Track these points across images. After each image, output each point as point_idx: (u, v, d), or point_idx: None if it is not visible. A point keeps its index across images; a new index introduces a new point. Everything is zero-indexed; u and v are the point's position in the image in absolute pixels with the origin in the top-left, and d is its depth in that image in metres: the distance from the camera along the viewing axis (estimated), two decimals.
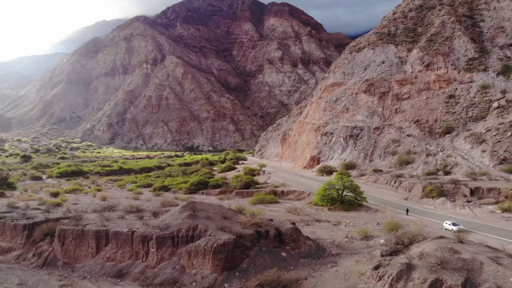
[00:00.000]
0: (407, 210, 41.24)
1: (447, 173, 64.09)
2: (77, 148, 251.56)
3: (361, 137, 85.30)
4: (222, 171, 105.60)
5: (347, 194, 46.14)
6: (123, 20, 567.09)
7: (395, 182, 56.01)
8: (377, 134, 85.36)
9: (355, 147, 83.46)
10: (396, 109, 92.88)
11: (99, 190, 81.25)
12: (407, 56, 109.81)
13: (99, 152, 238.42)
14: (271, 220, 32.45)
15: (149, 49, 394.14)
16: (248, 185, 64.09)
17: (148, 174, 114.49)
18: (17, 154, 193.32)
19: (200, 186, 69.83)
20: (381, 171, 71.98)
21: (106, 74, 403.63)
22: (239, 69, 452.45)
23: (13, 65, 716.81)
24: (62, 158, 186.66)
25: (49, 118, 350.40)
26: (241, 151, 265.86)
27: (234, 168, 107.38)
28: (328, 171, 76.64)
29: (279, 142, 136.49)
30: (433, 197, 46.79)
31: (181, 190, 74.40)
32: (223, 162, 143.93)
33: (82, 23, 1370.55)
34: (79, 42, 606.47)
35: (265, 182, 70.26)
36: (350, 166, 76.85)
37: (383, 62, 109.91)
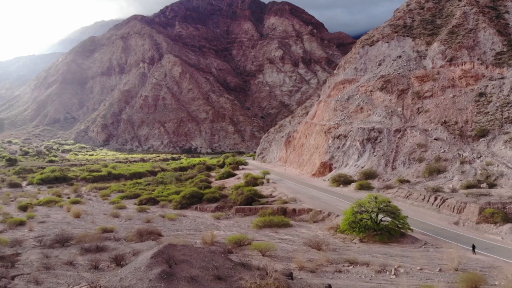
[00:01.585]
0: (474, 247, 29.86)
1: (491, 185, 52.86)
2: (69, 150, 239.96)
3: (380, 141, 74.01)
4: (220, 178, 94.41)
5: (385, 220, 34.80)
6: (121, 20, 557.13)
7: (436, 199, 44.62)
8: (399, 138, 74.10)
9: (373, 152, 72.15)
10: (418, 108, 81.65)
11: (76, 202, 69.94)
12: (427, 50, 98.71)
13: (92, 155, 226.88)
14: (291, 276, 21.05)
15: (146, 48, 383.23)
16: (251, 199, 52.79)
17: (138, 181, 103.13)
18: (3, 157, 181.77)
19: (194, 200, 58.54)
20: (408, 181, 60.73)
21: (102, 73, 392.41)
22: (238, 69, 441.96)
23: (10, 65, 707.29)
24: (51, 161, 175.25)
25: (42, 119, 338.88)
26: (241, 153, 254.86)
27: (233, 175, 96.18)
28: (344, 180, 65.36)
29: (283, 145, 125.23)
30: (495, 223, 35.51)
31: (171, 203, 63.08)
32: (221, 166, 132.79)
33: (80, 23, 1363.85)
34: (77, 42, 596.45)
35: (271, 194, 58.95)
36: (370, 175, 65.59)
37: (400, 56, 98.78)
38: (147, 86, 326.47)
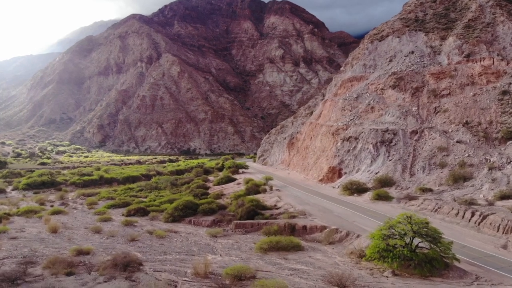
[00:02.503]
0: None
1: None
2: (64, 152, 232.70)
3: (395, 144, 66.96)
4: (218, 184, 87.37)
5: (423, 246, 27.68)
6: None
7: (473, 214, 37.50)
8: (416, 140, 67.06)
9: (388, 156, 65.08)
10: (435, 108, 74.63)
11: (58, 212, 62.67)
12: (441, 45, 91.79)
13: (87, 156, 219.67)
14: None
15: (144, 47, 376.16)
16: (253, 212, 45.66)
17: (130, 186, 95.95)
18: None
19: (187, 212, 51.35)
20: (430, 190, 53.65)
21: (100, 73, 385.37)
22: (238, 69, 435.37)
23: (7, 65, 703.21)
24: (42, 163, 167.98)
25: (38, 120, 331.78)
26: (241, 154, 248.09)
27: (233, 180, 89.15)
28: (357, 188, 58.25)
29: (285, 147, 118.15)
30: None
31: (163, 214, 55.84)
32: (220, 169, 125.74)
33: (79, 23, 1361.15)
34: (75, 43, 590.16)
35: (275, 205, 51.83)
36: (386, 182, 58.52)
37: (412, 52, 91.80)
38: (144, 86, 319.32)
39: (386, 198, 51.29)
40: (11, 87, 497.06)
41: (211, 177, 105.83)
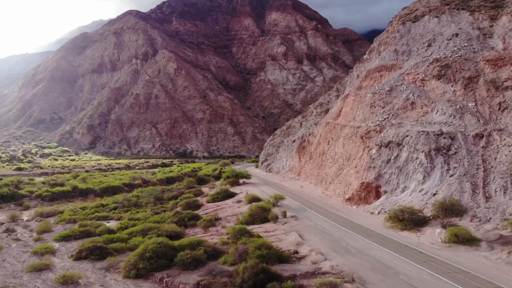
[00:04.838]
0: None
1: None
2: (49, 155, 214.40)
3: (455, 152, 48.65)
4: (213, 200, 69.18)
5: None
6: None
7: None
8: (483, 147, 48.77)
9: (448, 170, 46.74)
10: (500, 103, 56.30)
11: None
12: (492, 26, 73.53)
13: (73, 160, 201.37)
14: None
15: (140, 43, 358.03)
16: (263, 273, 27.14)
17: (104, 201, 77.58)
18: None
19: (159, 263, 32.89)
20: None
21: (93, 71, 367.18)
22: (238, 67, 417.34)
23: (2, 63, 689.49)
24: (19, 169, 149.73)
25: (26, 120, 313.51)
26: (241, 157, 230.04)
27: (232, 195, 71.06)
28: (411, 218, 39.98)
29: (295, 151, 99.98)
30: None
31: (125, 260, 37.21)
32: (218, 177, 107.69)
33: (78, 22, 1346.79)
34: None
35: (296, 251, 33.57)
36: (453, 209, 40.23)
37: (456, 34, 73.48)
38: (139, 84, 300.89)
39: (469, 240, 32.97)
40: (4, 86, 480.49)
41: (205, 189, 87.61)
